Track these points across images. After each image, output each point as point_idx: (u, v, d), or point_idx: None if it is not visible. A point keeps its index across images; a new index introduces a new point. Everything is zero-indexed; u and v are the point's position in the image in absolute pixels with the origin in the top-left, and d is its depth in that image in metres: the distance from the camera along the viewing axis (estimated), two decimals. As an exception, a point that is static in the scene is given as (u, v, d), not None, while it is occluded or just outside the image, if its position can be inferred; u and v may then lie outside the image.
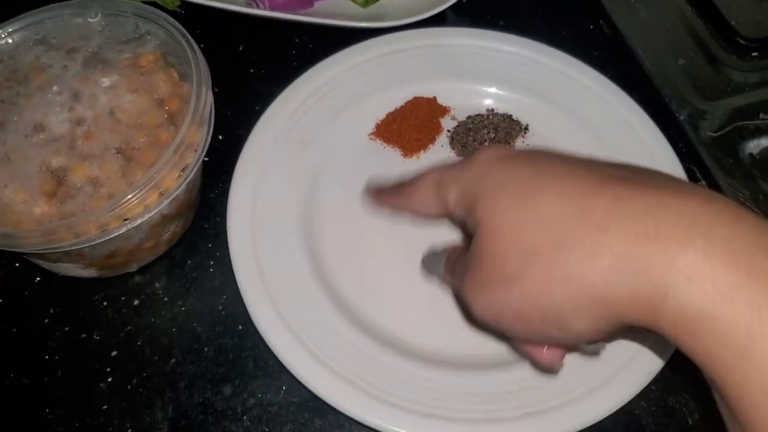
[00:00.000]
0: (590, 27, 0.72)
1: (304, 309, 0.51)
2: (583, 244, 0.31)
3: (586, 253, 0.31)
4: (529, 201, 0.34)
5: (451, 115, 0.63)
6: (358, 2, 0.69)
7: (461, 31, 0.66)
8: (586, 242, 0.31)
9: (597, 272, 0.31)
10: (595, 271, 0.31)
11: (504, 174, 0.36)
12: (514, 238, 0.34)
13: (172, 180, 0.47)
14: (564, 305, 0.33)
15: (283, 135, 0.59)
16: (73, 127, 0.49)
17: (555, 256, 0.32)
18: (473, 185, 0.38)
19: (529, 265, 0.33)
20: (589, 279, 0.31)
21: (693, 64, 0.66)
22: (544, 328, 0.34)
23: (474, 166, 0.38)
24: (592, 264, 0.31)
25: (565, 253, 0.32)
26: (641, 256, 0.30)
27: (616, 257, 0.30)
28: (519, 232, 0.34)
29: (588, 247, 0.31)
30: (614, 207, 0.31)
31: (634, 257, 0.30)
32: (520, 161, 0.37)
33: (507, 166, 0.37)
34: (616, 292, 0.31)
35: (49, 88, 0.50)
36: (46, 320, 0.54)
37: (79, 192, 0.47)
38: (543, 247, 0.33)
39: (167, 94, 0.51)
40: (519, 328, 0.36)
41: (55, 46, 0.53)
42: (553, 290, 0.33)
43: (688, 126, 0.62)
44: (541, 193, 0.34)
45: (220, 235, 0.57)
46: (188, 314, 0.54)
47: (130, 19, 0.54)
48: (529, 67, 0.64)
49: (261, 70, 0.68)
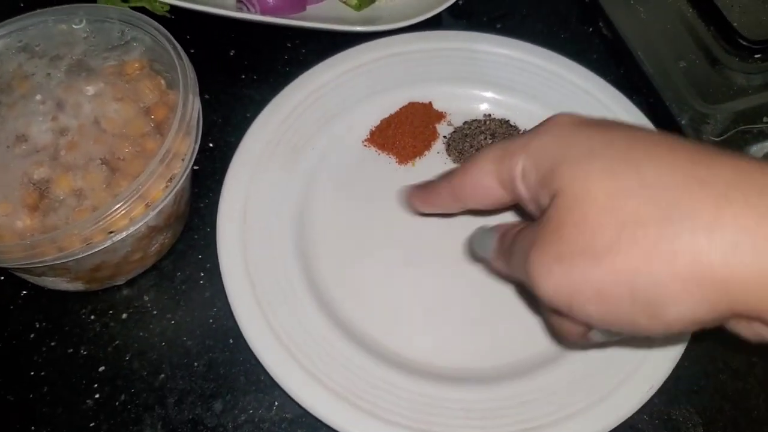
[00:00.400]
0: (589, 29, 0.71)
1: (297, 322, 0.50)
2: (700, 216, 0.27)
3: (703, 226, 0.27)
4: (630, 167, 0.30)
5: (447, 120, 0.62)
6: (351, 5, 0.68)
7: (456, 34, 0.65)
8: (704, 214, 0.27)
9: (716, 248, 0.27)
10: (714, 247, 0.27)
11: (591, 139, 0.32)
12: (611, 206, 0.29)
13: (158, 191, 0.45)
14: (665, 286, 0.28)
15: (274, 142, 0.58)
16: (56, 137, 0.47)
17: (662, 228, 0.28)
18: (552, 151, 0.33)
19: (628, 237, 0.29)
20: (704, 256, 0.27)
21: (694, 66, 0.65)
22: (631, 313, 0.30)
23: (550, 131, 0.34)
24: (709, 239, 0.27)
25: (675, 225, 0.28)
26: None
27: (743, 232, 0.26)
28: (617, 199, 0.29)
29: (706, 219, 0.27)
30: (736, 178, 0.28)
31: (762, 235, 0.26)
32: (605, 127, 0.33)
33: (593, 132, 0.33)
34: (739, 273, 0.27)
35: (32, 97, 0.49)
36: (32, 335, 0.52)
37: (63, 204, 0.45)
38: (647, 217, 0.28)
39: (153, 102, 0.50)
40: (596, 311, 0.31)
41: (39, 54, 0.52)
42: (654, 268, 0.28)
43: (689, 130, 0.61)
44: (646, 158, 0.30)
45: (210, 245, 0.55)
46: (178, 328, 0.53)
47: (116, 26, 0.52)
48: (526, 71, 0.63)
49: (252, 76, 0.66)
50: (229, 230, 0.53)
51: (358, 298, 0.52)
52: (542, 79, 0.63)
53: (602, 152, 0.31)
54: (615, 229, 0.29)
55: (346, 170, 0.59)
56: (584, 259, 0.30)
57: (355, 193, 0.57)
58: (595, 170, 0.31)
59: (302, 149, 0.58)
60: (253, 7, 0.65)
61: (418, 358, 0.50)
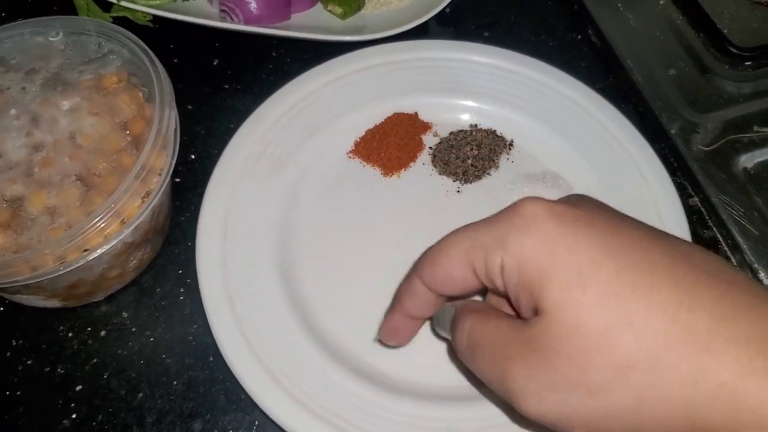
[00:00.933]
0: (578, 37, 0.70)
1: (277, 341, 0.49)
2: (685, 365, 0.29)
3: (688, 377, 0.29)
4: (620, 304, 0.30)
5: (433, 131, 0.61)
6: (336, 14, 0.67)
7: (442, 43, 0.64)
8: (688, 363, 0.29)
9: (700, 398, 0.29)
10: (698, 397, 0.29)
11: (574, 253, 0.32)
12: (603, 345, 0.30)
13: (134, 207, 0.45)
14: (653, 428, 0.30)
15: (257, 154, 0.57)
16: (30, 153, 0.46)
17: (651, 374, 0.29)
18: (536, 258, 0.32)
19: (620, 378, 0.30)
20: (689, 404, 0.29)
21: (684, 74, 0.64)
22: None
23: (530, 231, 0.33)
24: (694, 389, 0.29)
25: (664, 373, 0.29)
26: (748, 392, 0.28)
27: (722, 388, 0.28)
28: (608, 339, 0.30)
29: (691, 371, 0.29)
30: (716, 325, 0.29)
31: (741, 392, 0.28)
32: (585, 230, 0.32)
33: (574, 240, 0.32)
34: (715, 420, 0.29)
35: (7, 112, 0.48)
36: (8, 353, 0.51)
37: (36, 222, 0.44)
38: (637, 361, 0.30)
39: (131, 116, 0.49)
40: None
41: (14, 67, 0.51)
42: (645, 411, 0.30)
43: (679, 140, 0.60)
44: (632, 296, 0.30)
45: (190, 260, 0.54)
46: (157, 345, 0.52)
47: (93, 38, 0.51)
48: (513, 80, 0.62)
49: (236, 86, 0.65)
50: (208, 246, 0.52)
51: (341, 316, 0.51)
52: (529, 88, 0.62)
53: (592, 277, 0.31)
54: (608, 368, 0.30)
55: (329, 182, 0.58)
56: (578, 393, 0.31)
57: (338, 206, 0.56)
58: (585, 303, 0.31)
59: (285, 161, 0.57)
60: (236, 16, 0.64)
61: (402, 377, 0.49)
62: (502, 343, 0.34)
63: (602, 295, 0.30)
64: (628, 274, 0.31)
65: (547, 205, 0.33)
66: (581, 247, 0.32)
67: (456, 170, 0.58)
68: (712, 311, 0.29)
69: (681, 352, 0.29)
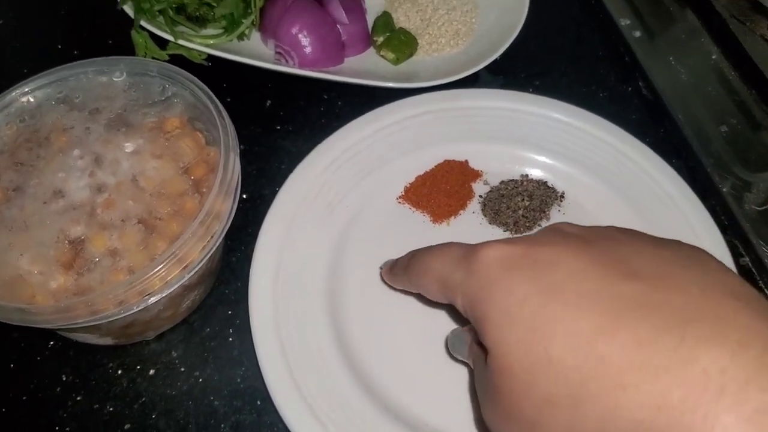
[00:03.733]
0: (629, 89, 0.70)
1: (327, 389, 0.49)
2: (601, 401, 0.29)
3: (605, 412, 0.28)
4: (539, 342, 0.31)
5: (483, 179, 0.61)
6: (389, 59, 0.68)
7: (494, 92, 0.64)
8: (604, 399, 0.29)
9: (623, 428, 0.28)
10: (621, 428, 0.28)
11: (509, 294, 0.33)
12: (529, 383, 0.31)
13: (195, 252, 0.45)
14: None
15: (310, 197, 0.57)
16: (93, 194, 0.47)
17: (573, 410, 0.30)
18: (478, 300, 0.35)
19: (547, 415, 0.31)
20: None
21: (736, 131, 0.64)
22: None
23: (476, 274, 0.35)
24: (613, 424, 0.28)
25: (583, 408, 0.29)
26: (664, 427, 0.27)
27: (637, 424, 0.28)
28: (532, 376, 0.31)
29: (607, 406, 0.28)
30: (633, 356, 0.28)
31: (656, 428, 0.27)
32: (525, 272, 0.33)
33: (512, 281, 0.33)
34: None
35: (70, 152, 0.49)
36: (58, 388, 0.52)
37: (98, 265, 0.45)
38: (559, 398, 0.30)
39: (192, 159, 0.49)
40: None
41: (78, 106, 0.51)
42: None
43: (730, 198, 0.60)
44: (551, 330, 0.31)
45: (240, 301, 0.55)
46: (205, 386, 0.52)
47: (156, 80, 0.52)
48: (564, 131, 0.62)
49: (288, 127, 0.66)
50: (261, 291, 0.52)
51: (392, 367, 0.51)
52: (580, 140, 0.62)
53: (516, 316, 0.32)
54: (536, 405, 0.31)
55: (379, 227, 0.58)
56: (521, 426, 0.32)
57: (388, 251, 0.56)
58: (512, 340, 0.32)
59: (337, 205, 0.58)
60: (291, 59, 0.65)
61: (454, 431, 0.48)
62: (479, 380, 0.37)
63: (525, 332, 0.31)
64: (553, 307, 0.31)
65: (502, 249, 0.35)
66: (517, 286, 0.33)
67: (507, 220, 0.58)
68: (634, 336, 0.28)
69: (597, 387, 0.29)
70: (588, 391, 0.29)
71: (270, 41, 0.67)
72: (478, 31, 0.71)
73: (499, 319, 0.33)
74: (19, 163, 0.49)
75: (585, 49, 0.74)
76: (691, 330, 0.28)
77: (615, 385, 0.28)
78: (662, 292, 0.30)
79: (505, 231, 0.58)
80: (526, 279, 0.33)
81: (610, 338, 0.29)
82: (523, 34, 0.68)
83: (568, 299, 0.31)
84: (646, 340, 0.28)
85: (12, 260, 0.44)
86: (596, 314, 0.30)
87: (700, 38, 0.72)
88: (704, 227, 0.56)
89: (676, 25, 0.73)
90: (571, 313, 0.30)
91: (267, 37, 0.67)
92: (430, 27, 0.70)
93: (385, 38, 0.68)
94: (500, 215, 0.58)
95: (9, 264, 0.44)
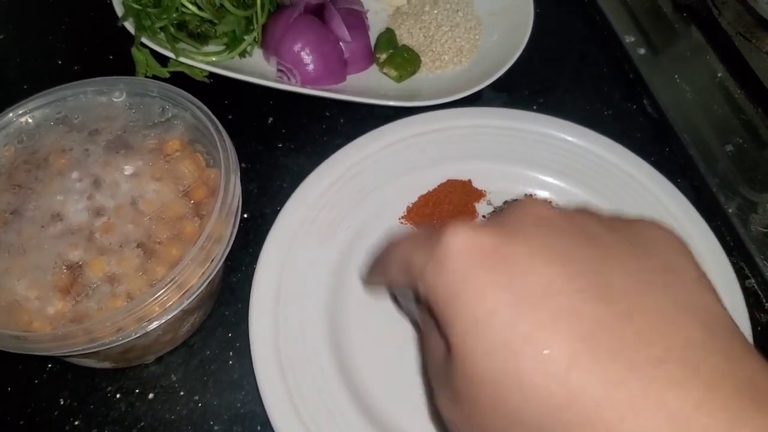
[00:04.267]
0: (633, 107, 0.69)
1: (328, 414, 0.48)
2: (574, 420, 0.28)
3: None
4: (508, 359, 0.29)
5: (487, 199, 0.60)
6: (391, 77, 0.67)
7: (497, 111, 0.64)
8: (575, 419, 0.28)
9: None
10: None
11: (477, 299, 0.30)
12: (496, 398, 0.30)
13: (195, 277, 0.44)
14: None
15: (310, 219, 0.57)
16: (92, 218, 0.46)
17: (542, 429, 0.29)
18: (444, 295, 0.32)
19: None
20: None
21: (742, 150, 0.63)
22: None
23: (445, 267, 0.32)
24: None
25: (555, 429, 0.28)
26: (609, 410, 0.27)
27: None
28: (501, 392, 0.29)
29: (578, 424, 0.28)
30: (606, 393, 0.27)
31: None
32: (495, 274, 0.30)
33: (481, 283, 0.30)
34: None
35: (69, 174, 0.48)
36: (55, 412, 0.51)
37: (96, 290, 0.44)
38: (529, 421, 0.29)
39: (193, 182, 0.49)
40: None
41: (77, 127, 0.51)
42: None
43: (736, 219, 0.59)
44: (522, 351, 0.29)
45: (240, 323, 0.54)
46: (205, 411, 0.51)
47: (157, 100, 0.51)
48: (569, 151, 0.61)
49: (290, 145, 0.65)
50: (261, 315, 0.51)
51: (394, 391, 0.50)
52: (584, 160, 0.61)
53: (485, 326, 0.30)
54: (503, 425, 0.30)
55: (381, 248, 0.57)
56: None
57: (390, 273, 0.56)
58: (479, 351, 0.30)
59: (338, 226, 0.57)
60: (294, 77, 0.64)
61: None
62: (437, 368, 0.35)
63: (495, 346, 0.29)
64: (524, 327, 0.29)
65: (469, 237, 0.31)
66: (485, 289, 0.30)
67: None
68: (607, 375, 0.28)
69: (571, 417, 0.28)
70: (559, 422, 0.28)
71: (272, 58, 0.66)
72: (482, 48, 0.71)
73: (466, 325, 0.31)
74: (17, 186, 0.48)
75: (589, 66, 0.73)
76: (663, 371, 0.27)
77: (587, 421, 0.27)
78: (636, 319, 0.29)
79: (509, 252, 0.57)
80: (496, 283, 0.30)
81: (584, 372, 0.28)
82: (527, 50, 0.67)
83: (540, 318, 0.29)
84: (620, 379, 0.27)
85: (9, 285, 0.44)
86: (569, 340, 0.28)
87: (705, 56, 0.71)
88: (709, 248, 0.56)
89: (681, 42, 0.73)
90: (544, 335, 0.29)
91: (269, 54, 0.67)
92: (433, 44, 0.69)
93: (388, 55, 0.67)
94: (504, 236, 0.57)
95: (6, 289, 0.44)
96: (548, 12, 0.75)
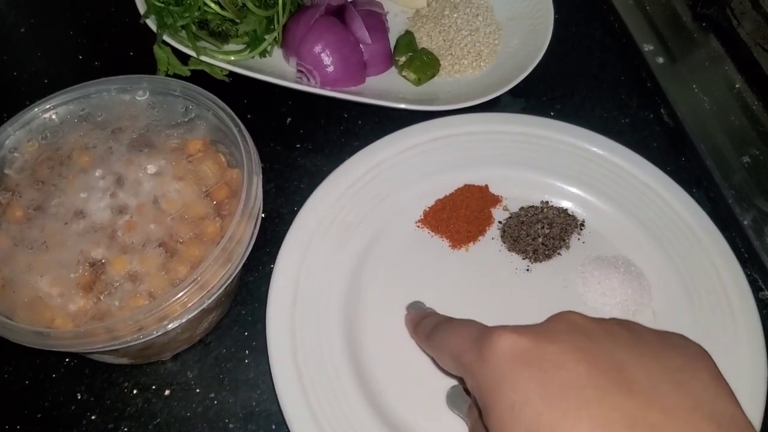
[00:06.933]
0: (650, 115, 0.69)
1: (342, 415, 0.48)
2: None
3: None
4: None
5: (503, 205, 0.61)
6: (410, 80, 0.67)
7: (515, 117, 0.64)
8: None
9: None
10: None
11: (514, 390, 0.35)
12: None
13: (216, 278, 0.45)
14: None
15: (328, 220, 0.57)
16: (114, 216, 0.47)
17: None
18: (487, 388, 0.36)
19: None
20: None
21: (759, 162, 0.63)
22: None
23: (489, 362, 0.37)
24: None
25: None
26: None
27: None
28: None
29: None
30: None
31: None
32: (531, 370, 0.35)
33: (518, 377, 0.35)
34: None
35: (92, 171, 0.49)
36: (72, 407, 0.52)
37: (118, 289, 0.44)
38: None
39: (214, 182, 0.49)
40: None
41: (101, 125, 0.51)
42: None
43: (751, 231, 0.59)
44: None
45: (257, 322, 0.55)
46: (220, 408, 0.52)
47: (180, 100, 0.52)
48: (585, 159, 0.62)
49: (308, 146, 0.66)
50: (279, 316, 0.52)
51: (409, 395, 0.51)
52: (601, 168, 0.61)
53: (519, 414, 0.34)
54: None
55: (397, 251, 0.58)
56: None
57: (405, 276, 0.56)
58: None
59: (355, 228, 0.57)
60: (313, 78, 0.64)
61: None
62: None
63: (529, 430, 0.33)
64: (551, 415, 0.33)
65: (513, 341, 0.36)
66: (522, 384, 0.34)
67: (526, 248, 0.57)
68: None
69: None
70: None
71: (292, 59, 0.67)
72: (501, 53, 0.71)
73: (503, 413, 0.34)
74: (40, 182, 0.49)
75: (607, 73, 0.73)
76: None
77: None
78: (653, 413, 0.32)
79: (525, 258, 0.57)
80: (531, 378, 0.35)
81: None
82: (546, 56, 0.67)
83: (567, 408, 0.32)
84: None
85: (32, 281, 0.44)
86: (590, 427, 0.31)
87: (723, 66, 0.71)
88: (724, 260, 0.56)
89: (700, 51, 0.73)
90: (568, 423, 0.32)
91: (289, 54, 0.67)
92: (452, 48, 0.70)
93: (407, 58, 0.68)
94: (519, 242, 0.58)
95: (29, 285, 0.44)
96: (567, 18, 0.75)
